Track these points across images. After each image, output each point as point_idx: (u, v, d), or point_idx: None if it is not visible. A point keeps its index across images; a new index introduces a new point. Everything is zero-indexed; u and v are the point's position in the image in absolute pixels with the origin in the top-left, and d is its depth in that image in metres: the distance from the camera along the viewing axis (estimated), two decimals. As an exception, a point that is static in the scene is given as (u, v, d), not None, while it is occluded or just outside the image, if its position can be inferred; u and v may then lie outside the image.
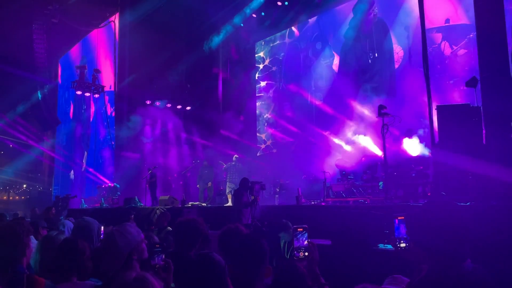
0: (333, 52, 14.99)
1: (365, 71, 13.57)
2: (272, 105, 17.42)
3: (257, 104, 17.93)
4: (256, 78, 18.04)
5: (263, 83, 17.88)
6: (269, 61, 17.66)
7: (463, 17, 11.46)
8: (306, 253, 2.46)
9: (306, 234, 2.49)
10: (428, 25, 9.28)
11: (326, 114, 14.38)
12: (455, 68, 11.54)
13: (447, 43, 11.88)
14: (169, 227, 7.02)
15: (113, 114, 17.34)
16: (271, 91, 17.58)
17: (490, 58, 7.55)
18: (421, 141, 9.77)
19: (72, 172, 20.50)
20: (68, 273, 2.75)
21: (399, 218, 2.39)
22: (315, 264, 2.51)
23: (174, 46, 16.22)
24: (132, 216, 8.43)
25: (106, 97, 17.89)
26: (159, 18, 15.65)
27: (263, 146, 17.47)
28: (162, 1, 15.52)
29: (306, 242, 2.48)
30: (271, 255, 2.52)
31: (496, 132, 7.21)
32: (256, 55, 18.23)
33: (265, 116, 17.68)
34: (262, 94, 17.88)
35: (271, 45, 17.63)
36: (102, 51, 18.95)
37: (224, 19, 17.08)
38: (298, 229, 2.49)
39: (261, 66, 18.02)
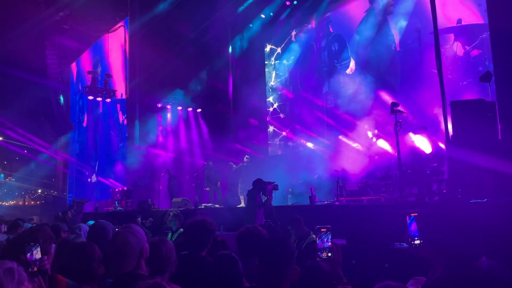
0: (349, 53, 14.82)
1: (379, 70, 13.42)
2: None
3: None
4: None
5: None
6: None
7: (476, 17, 11.23)
8: (330, 254, 2.37)
9: (330, 234, 2.39)
10: (440, 25, 9.13)
11: (339, 114, 14.26)
12: (468, 69, 11.30)
13: (459, 44, 11.64)
14: (181, 229, 7.00)
15: (125, 122, 17.44)
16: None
17: (504, 51, 7.45)
18: (434, 138, 9.63)
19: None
20: (78, 279, 2.67)
21: (412, 214, 2.34)
22: (339, 265, 2.45)
23: (184, 49, 16.26)
24: (139, 218, 8.43)
25: (118, 105, 18.00)
26: (169, 22, 15.73)
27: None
28: (172, 5, 15.60)
29: (330, 243, 2.39)
30: None
31: (512, 127, 7.11)
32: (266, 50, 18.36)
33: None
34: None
35: (282, 45, 17.70)
36: (113, 56, 19.08)
37: (235, 21, 17.13)
38: (322, 230, 2.38)
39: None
